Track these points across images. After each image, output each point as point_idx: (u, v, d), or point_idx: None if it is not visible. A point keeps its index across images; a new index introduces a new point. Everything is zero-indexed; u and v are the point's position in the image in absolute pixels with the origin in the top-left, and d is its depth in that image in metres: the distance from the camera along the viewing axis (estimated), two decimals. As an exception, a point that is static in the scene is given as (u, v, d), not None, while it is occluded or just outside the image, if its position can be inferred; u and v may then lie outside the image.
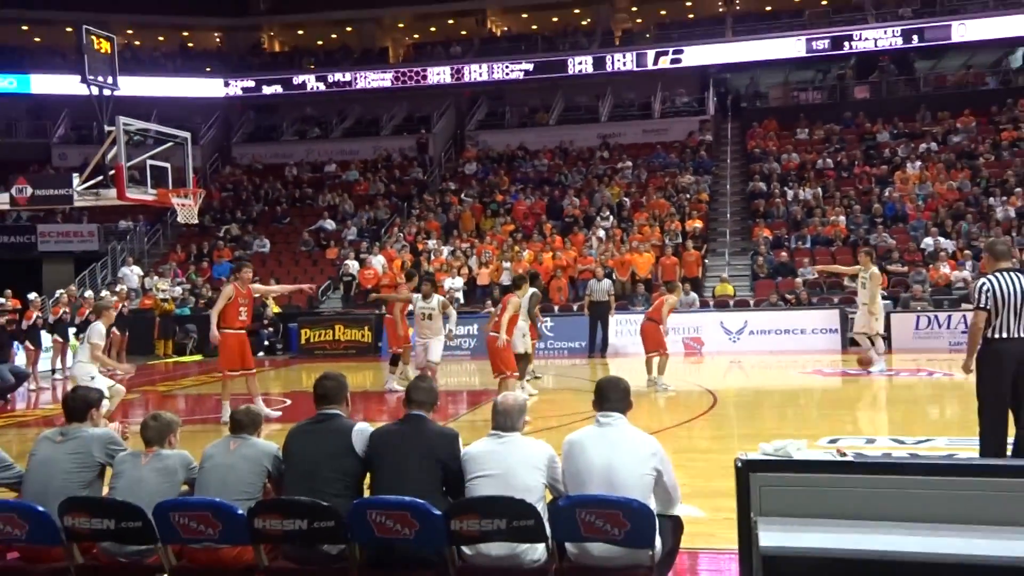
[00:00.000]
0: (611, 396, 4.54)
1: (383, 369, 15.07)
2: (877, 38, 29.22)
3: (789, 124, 28.57)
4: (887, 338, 18.00)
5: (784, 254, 21.78)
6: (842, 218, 22.76)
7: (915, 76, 29.89)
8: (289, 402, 13.02)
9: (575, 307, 19.99)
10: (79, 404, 5.18)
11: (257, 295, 12.34)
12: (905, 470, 3.60)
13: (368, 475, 4.73)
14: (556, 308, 20.32)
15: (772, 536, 3.40)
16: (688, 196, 25.04)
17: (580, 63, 31.45)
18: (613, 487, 4.19)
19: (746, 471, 3.69)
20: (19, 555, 4.78)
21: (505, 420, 4.53)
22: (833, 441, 8.17)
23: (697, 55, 30.61)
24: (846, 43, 29.40)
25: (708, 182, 26.41)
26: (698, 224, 23.30)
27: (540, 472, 4.35)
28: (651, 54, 30.82)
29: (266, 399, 13.11)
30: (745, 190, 25.86)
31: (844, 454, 3.79)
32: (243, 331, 11.30)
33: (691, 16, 33.45)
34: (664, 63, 30.72)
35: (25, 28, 34.04)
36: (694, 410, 11.25)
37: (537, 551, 4.20)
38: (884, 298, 19.23)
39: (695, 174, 26.49)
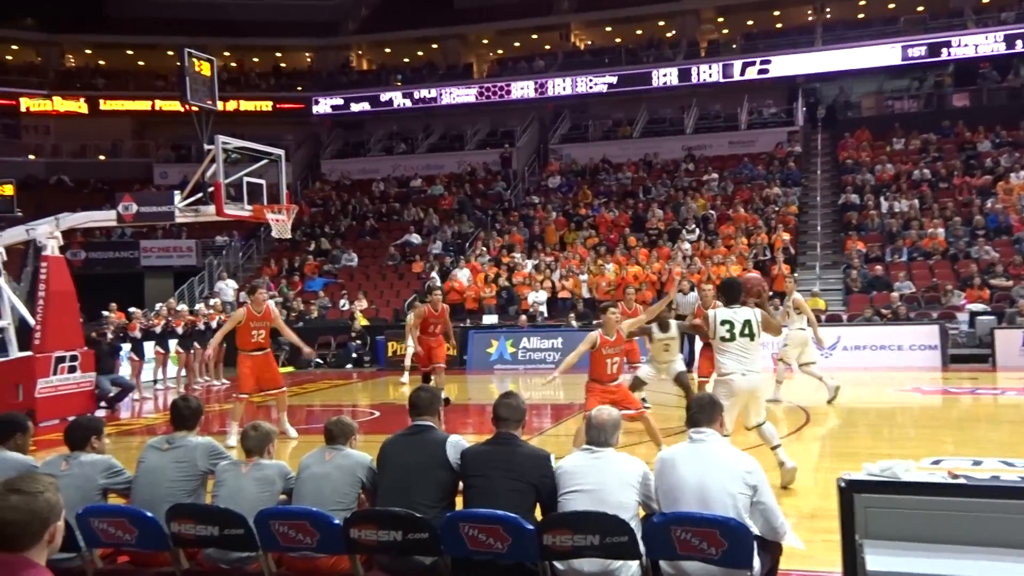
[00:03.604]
0: (704, 414, 4.48)
1: (469, 382, 15.20)
2: (977, 44, 28.27)
3: (883, 134, 27.81)
4: (989, 356, 17.36)
5: (879, 268, 21.18)
6: (941, 230, 22.02)
7: (1018, 83, 28.76)
8: (377, 414, 13.22)
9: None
10: (189, 412, 5.35)
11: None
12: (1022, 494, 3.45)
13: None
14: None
15: (880, 560, 3.30)
16: (776, 209, 24.59)
17: (664, 75, 31.25)
18: (706, 505, 4.13)
19: (850, 492, 3.59)
20: (129, 559, 4.95)
21: (599, 435, 4.50)
22: (936, 462, 7.86)
23: (785, 65, 30.10)
24: (944, 50, 28.52)
25: (797, 194, 25.89)
26: (786, 237, 22.84)
27: (634, 489, 4.31)
28: (737, 65, 30.43)
29: (354, 411, 13.34)
30: (836, 202, 25.26)
31: (956, 476, 3.65)
32: (259, 352, 10.92)
33: (779, 26, 32.90)
34: (751, 74, 30.30)
35: (130, 53, 35.53)
36: (785, 428, 10.99)
37: (631, 568, 4.16)
38: (986, 313, 18.57)
39: (783, 186, 26.00)
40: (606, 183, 28.62)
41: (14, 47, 34.99)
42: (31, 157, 33.67)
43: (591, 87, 31.80)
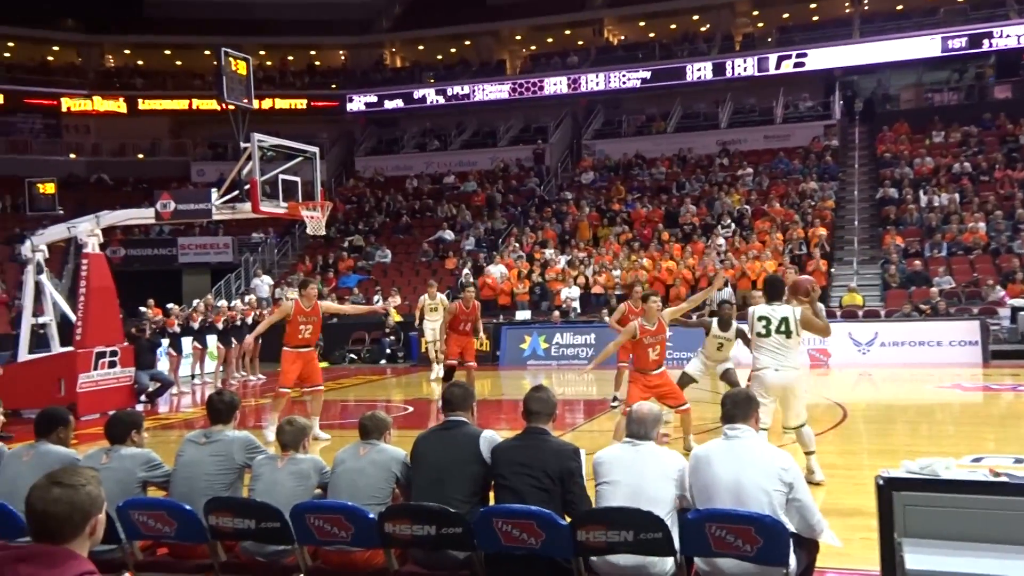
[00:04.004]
0: (739, 409, 4.44)
1: (502, 378, 15.21)
2: (1020, 34, 27.73)
3: (922, 127, 27.39)
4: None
5: (918, 263, 20.88)
6: (982, 224, 21.67)
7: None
8: (411, 409, 13.28)
9: (694, 316, 19.62)
10: (224, 407, 5.41)
11: (326, 313, 11.53)
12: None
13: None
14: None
15: (920, 559, 3.26)
16: (812, 203, 24.32)
17: (699, 69, 31.02)
18: (741, 502, 4.09)
19: (889, 489, 3.55)
20: (168, 551, 5.01)
21: (640, 428, 4.48)
22: (977, 460, 7.73)
23: (822, 58, 29.75)
24: (985, 41, 28.01)
25: (834, 188, 25.59)
26: (823, 232, 22.59)
27: (672, 483, 4.29)
28: (773, 58, 30.14)
29: (387, 406, 13.41)
30: (874, 196, 24.93)
31: (998, 474, 3.58)
32: (304, 349, 10.78)
33: (815, 18, 32.52)
34: (787, 67, 30.00)
35: (168, 53, 35.98)
36: (822, 424, 10.87)
37: (666, 564, 4.14)
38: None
39: (820, 180, 25.72)
40: (640, 178, 28.48)
41: (55, 48, 35.54)
42: (72, 156, 34.18)
43: (624, 82, 31.67)
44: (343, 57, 37.72)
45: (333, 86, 35.36)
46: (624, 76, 31.63)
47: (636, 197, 26.84)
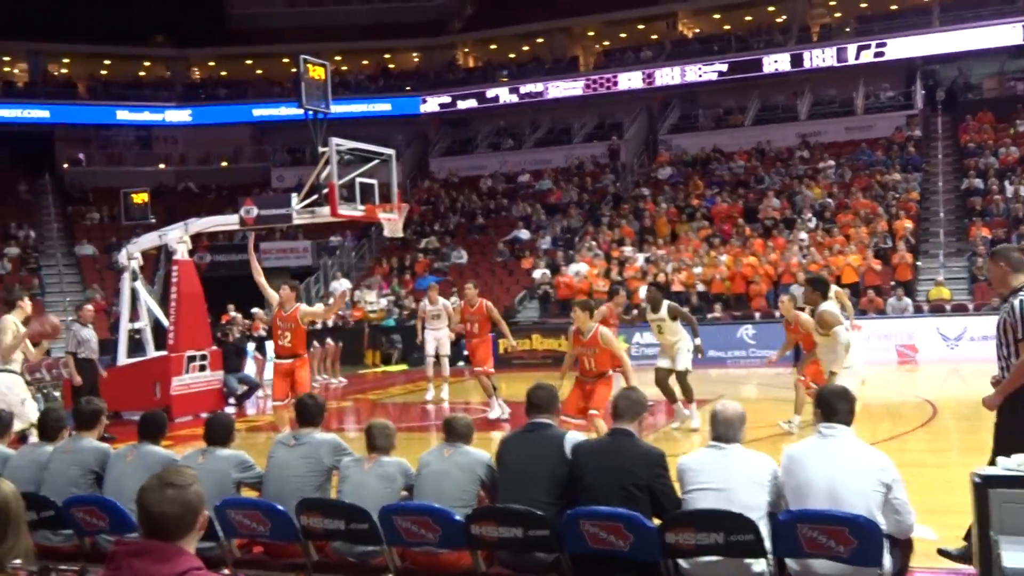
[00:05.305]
0: (837, 407, 4.32)
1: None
2: (1107, 20, 26.54)
3: (1006, 116, 26.41)
4: None
5: (1008, 254, 20.13)
6: (1072, 213, 20.83)
7: None
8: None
9: (777, 314, 19.33)
10: (315, 409, 5.56)
11: (306, 319, 10.86)
12: None
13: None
14: (757, 315, 19.75)
15: (1017, 556, 3.17)
16: (896, 195, 23.71)
17: (776, 61, 30.50)
18: (836, 503, 4.01)
19: (985, 487, 3.47)
20: (263, 550, 5.17)
21: (727, 430, 4.39)
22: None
23: (902, 47, 28.93)
24: (1071, 27, 26.86)
25: (918, 180, 24.89)
26: (908, 224, 22.00)
27: (763, 488, 4.22)
28: (852, 48, 29.44)
29: (468, 407, 13.51)
30: (959, 187, 24.17)
31: (1101, 473, 3.47)
32: (284, 360, 10.39)
33: (894, 7, 31.62)
34: (866, 57, 29.25)
35: (249, 62, 36.92)
36: (911, 421, 10.63)
37: (758, 566, 4.09)
38: None
39: (903, 172, 25.04)
40: (718, 173, 28.13)
41: (147, 63, 36.87)
42: (161, 166, 35.38)
43: (700, 75, 31.27)
44: (416, 59, 38.11)
45: (407, 88, 35.74)
46: (700, 69, 31.24)
47: (715, 192, 26.51)
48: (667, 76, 31.69)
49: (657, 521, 4.29)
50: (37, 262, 27.53)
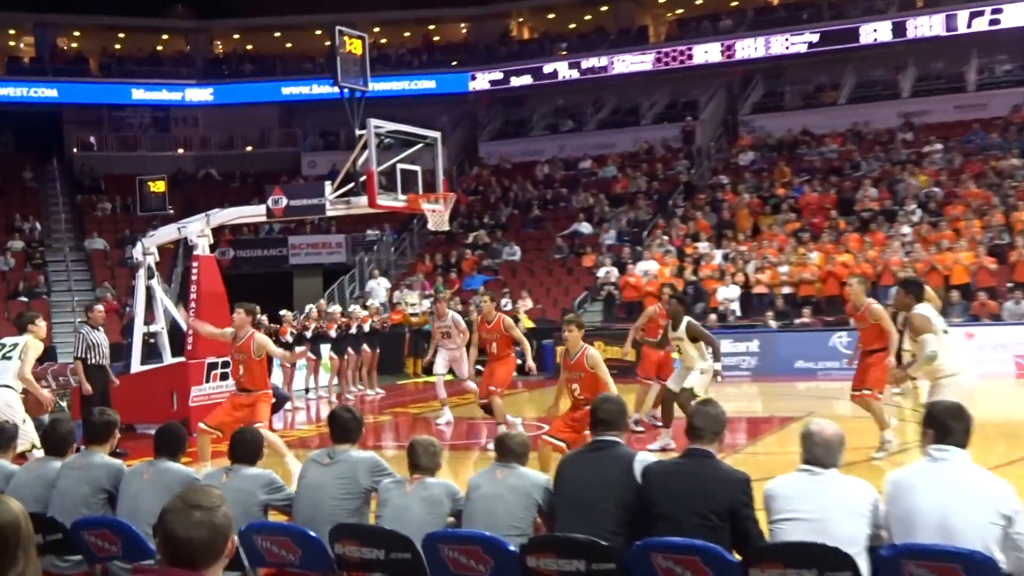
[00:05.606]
0: (951, 426, 4.24)
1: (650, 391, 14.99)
2: None
3: None
4: None
5: None
6: None
7: None
8: (547, 428, 13.28)
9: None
10: (353, 424, 5.59)
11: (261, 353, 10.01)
12: None
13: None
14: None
15: None
16: (1014, 183, 23.25)
17: (875, 31, 30.09)
18: (948, 537, 3.95)
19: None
20: (291, 580, 5.21)
21: (825, 453, 4.33)
22: None
23: (1021, 14, 28.31)
24: None
25: (1041, 166, 24.39)
26: (1029, 217, 21.55)
27: (863, 519, 4.16)
28: (963, 15, 28.90)
29: (525, 424, 13.48)
30: (1092, 173, 23.60)
31: None
32: (242, 393, 9.94)
33: (1014, -34, 30.95)
34: (980, 25, 28.70)
35: (277, 35, 37.42)
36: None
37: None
38: None
39: (1022, 157, 24.54)
40: (807, 158, 27.86)
41: (164, 37, 37.51)
42: (180, 151, 35.97)
43: (787, 47, 30.96)
44: (464, 31, 38.26)
45: (454, 63, 35.89)
46: (787, 40, 30.92)
47: (804, 180, 26.26)
48: (749, 48, 31.44)
49: (738, 555, 4.24)
50: (43, 257, 28.00)
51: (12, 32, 35.68)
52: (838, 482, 4.30)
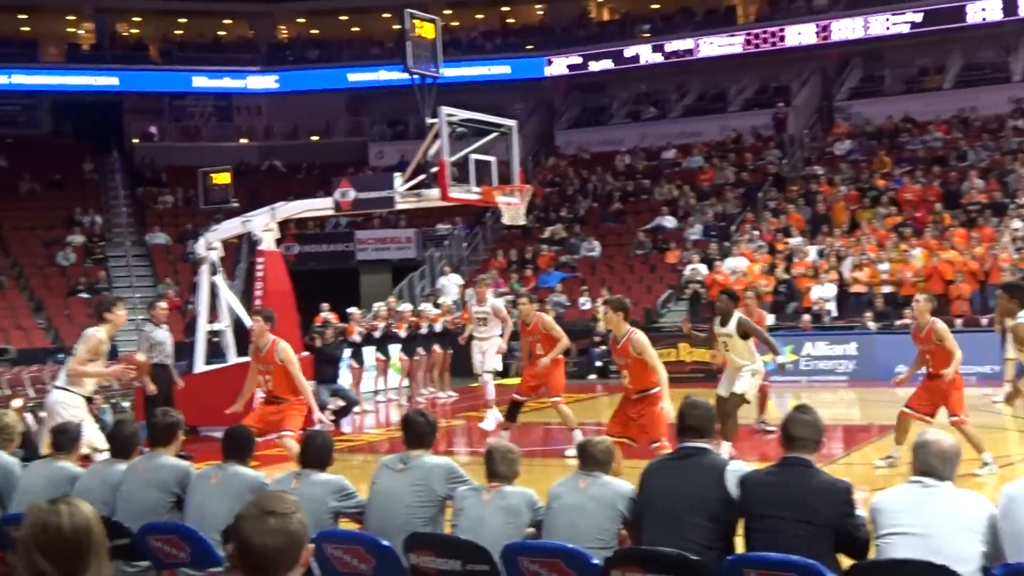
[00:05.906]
0: None
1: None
2: None
3: None
4: None
5: None
6: None
7: None
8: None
9: (984, 320, 18.66)
10: (428, 428, 5.65)
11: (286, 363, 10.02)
12: None
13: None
14: (959, 321, 19.06)
15: None
16: None
17: (984, 9, 29.35)
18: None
19: None
20: (364, 592, 5.28)
21: (941, 465, 4.29)
22: None
23: None
24: None
25: None
26: None
27: (977, 536, 4.10)
28: (1082, -9, 28.15)
29: (600, 431, 13.44)
30: None
31: None
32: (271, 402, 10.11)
33: None
34: (1104, -1, 27.91)
35: (343, 18, 37.80)
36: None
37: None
38: None
39: None
40: (909, 147, 27.43)
41: (226, 21, 38.08)
42: (243, 141, 36.54)
43: (888, 28, 30.40)
44: (541, 13, 38.26)
45: (529, 47, 35.91)
46: (887, 20, 30.36)
47: (905, 171, 25.85)
48: (846, 29, 30.94)
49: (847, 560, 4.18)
50: (104, 252, 28.53)
51: (71, 18, 36.36)
52: (952, 496, 4.25)
